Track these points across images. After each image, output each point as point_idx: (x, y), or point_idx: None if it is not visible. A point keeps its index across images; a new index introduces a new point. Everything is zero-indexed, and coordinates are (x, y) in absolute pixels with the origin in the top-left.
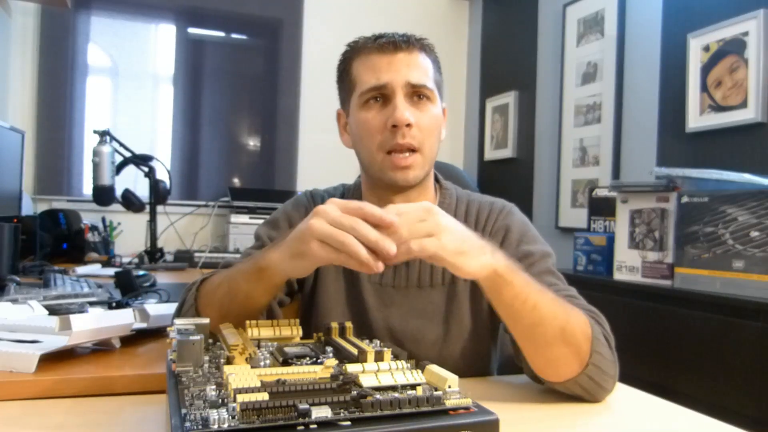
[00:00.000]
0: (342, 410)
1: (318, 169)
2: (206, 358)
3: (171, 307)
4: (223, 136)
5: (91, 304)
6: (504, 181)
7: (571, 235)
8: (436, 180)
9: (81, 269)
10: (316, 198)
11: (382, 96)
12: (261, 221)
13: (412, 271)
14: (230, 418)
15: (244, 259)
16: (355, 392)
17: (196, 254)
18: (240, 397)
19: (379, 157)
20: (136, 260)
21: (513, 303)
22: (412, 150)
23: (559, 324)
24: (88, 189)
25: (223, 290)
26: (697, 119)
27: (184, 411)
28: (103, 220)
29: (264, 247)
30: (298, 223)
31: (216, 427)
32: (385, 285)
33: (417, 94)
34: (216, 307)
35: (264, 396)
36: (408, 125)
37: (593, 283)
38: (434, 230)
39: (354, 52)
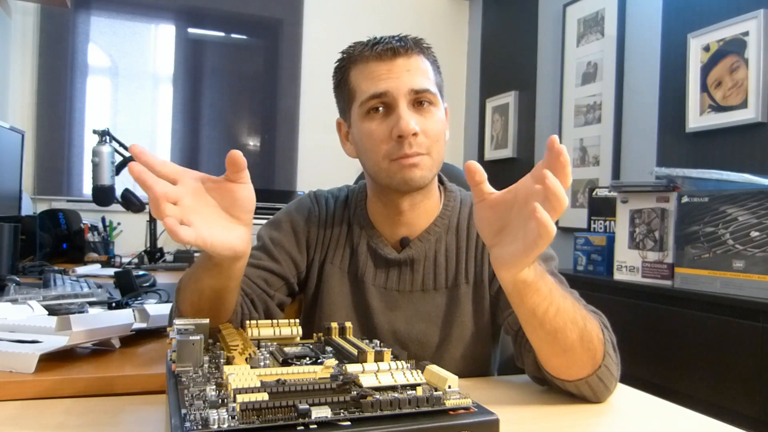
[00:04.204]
0: (342, 410)
1: (318, 169)
2: (206, 358)
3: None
4: (223, 136)
5: (91, 304)
6: (504, 181)
7: (571, 235)
8: (441, 182)
9: (81, 269)
10: (320, 199)
11: (384, 105)
12: (261, 221)
13: (417, 275)
14: (230, 418)
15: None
16: (355, 392)
17: (196, 254)
18: (240, 398)
19: (385, 164)
20: (135, 260)
21: (537, 307)
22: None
23: (578, 328)
24: (87, 189)
25: (191, 288)
26: (697, 119)
27: (184, 411)
28: (103, 220)
29: (264, 247)
30: (301, 225)
31: (216, 427)
32: (390, 289)
33: (420, 100)
34: (188, 303)
35: (264, 396)
36: (414, 134)
37: (593, 283)
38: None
39: (350, 60)
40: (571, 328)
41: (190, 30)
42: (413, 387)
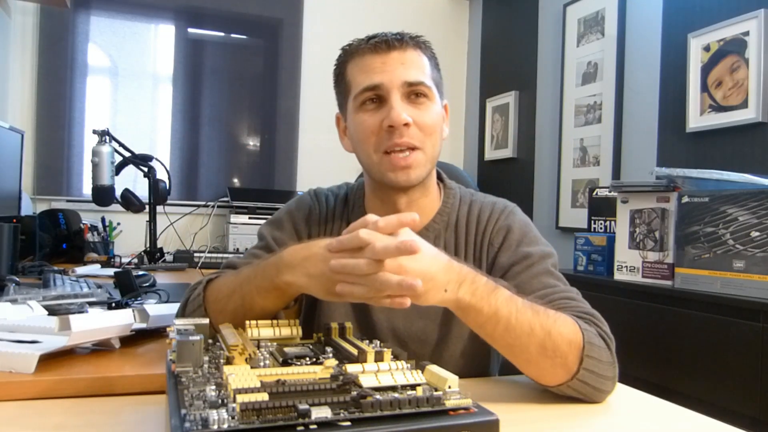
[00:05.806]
0: (342, 410)
1: (317, 169)
2: (206, 358)
3: (170, 308)
4: (222, 136)
5: (91, 304)
6: (504, 181)
7: (571, 235)
8: (441, 179)
9: (80, 269)
10: (320, 197)
11: (377, 97)
12: (260, 221)
13: None
14: (230, 418)
15: (248, 259)
16: (355, 392)
17: (196, 254)
18: (240, 398)
19: (377, 158)
20: (135, 260)
21: (484, 326)
22: (412, 148)
23: (537, 340)
24: (87, 189)
25: (236, 303)
26: (697, 119)
27: (183, 411)
28: (103, 220)
29: (268, 246)
30: (302, 223)
31: (216, 427)
32: None
33: (414, 92)
34: (229, 315)
35: (264, 396)
36: (406, 125)
37: (593, 284)
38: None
39: (348, 54)
40: (527, 341)
41: (190, 30)
42: (413, 387)
